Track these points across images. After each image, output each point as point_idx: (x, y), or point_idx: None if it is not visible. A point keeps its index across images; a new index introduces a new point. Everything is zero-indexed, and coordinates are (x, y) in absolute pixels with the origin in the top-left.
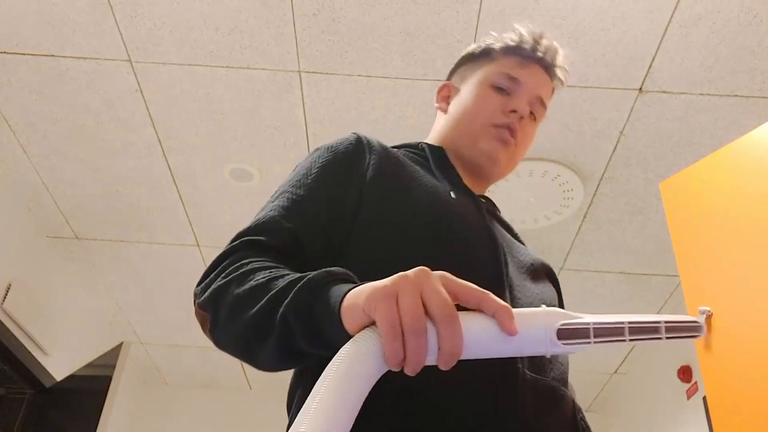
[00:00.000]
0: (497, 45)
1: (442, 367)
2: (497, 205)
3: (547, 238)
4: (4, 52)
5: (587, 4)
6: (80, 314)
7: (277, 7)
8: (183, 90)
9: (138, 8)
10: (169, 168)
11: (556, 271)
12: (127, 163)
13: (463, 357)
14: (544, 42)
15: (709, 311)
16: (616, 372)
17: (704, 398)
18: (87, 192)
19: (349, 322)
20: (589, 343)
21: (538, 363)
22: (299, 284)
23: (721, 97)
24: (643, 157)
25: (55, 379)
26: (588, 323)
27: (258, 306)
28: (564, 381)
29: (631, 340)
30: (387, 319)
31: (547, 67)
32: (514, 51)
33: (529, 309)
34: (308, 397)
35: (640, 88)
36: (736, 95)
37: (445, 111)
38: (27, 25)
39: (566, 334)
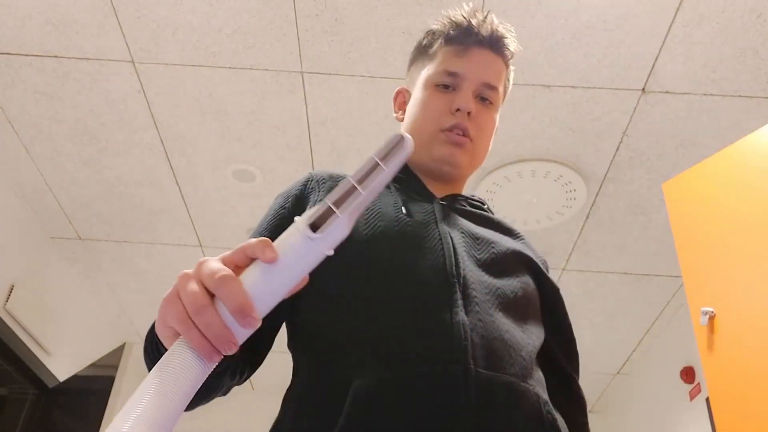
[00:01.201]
0: (433, 38)
1: (246, 326)
2: (500, 203)
3: (550, 239)
4: (8, 53)
5: (590, 4)
6: (83, 315)
7: (279, 7)
8: (186, 91)
9: (141, 9)
10: (172, 169)
11: (557, 271)
12: (129, 164)
13: (262, 305)
14: (477, 19)
15: (712, 312)
16: (618, 373)
17: (707, 399)
18: (90, 193)
19: (164, 341)
20: (337, 216)
21: (494, 361)
22: (149, 329)
23: (724, 97)
24: (646, 158)
25: (58, 380)
26: (325, 203)
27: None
28: (524, 375)
29: (365, 190)
30: (175, 317)
31: (489, 44)
32: (449, 41)
33: (284, 233)
34: (127, 407)
35: (643, 89)
36: (740, 96)
37: (401, 120)
38: (30, 27)
39: (318, 224)
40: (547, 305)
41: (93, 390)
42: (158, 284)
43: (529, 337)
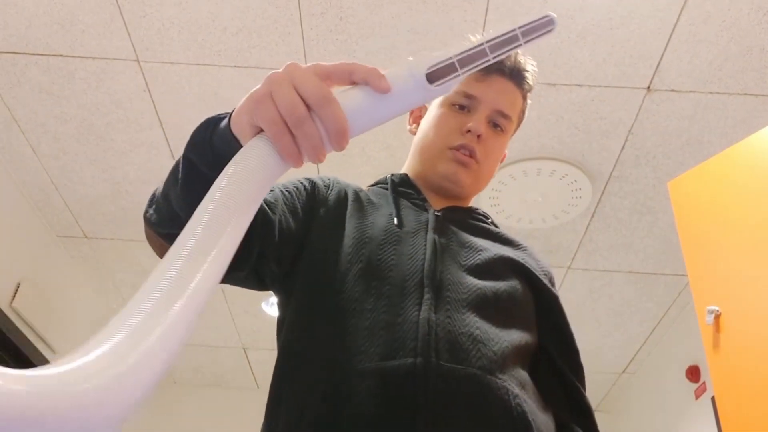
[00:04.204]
0: None
1: (337, 149)
2: (505, 201)
3: (555, 238)
4: (14, 53)
5: (595, 2)
6: (89, 313)
7: (284, 6)
8: (191, 90)
9: (146, 8)
10: None
11: (563, 270)
12: (135, 163)
13: (353, 131)
14: None
15: (718, 311)
16: (624, 372)
17: (713, 398)
18: (96, 191)
19: (240, 135)
20: (458, 75)
21: (458, 354)
22: (195, 128)
23: (730, 95)
24: (652, 156)
25: None
26: (451, 57)
27: (170, 171)
28: (493, 369)
29: (494, 57)
30: (268, 119)
31: (510, 74)
32: None
33: (396, 66)
34: (209, 192)
35: (649, 87)
36: (746, 94)
37: (414, 133)
38: (36, 26)
39: (436, 75)
40: (544, 313)
41: None
42: None
43: (508, 336)
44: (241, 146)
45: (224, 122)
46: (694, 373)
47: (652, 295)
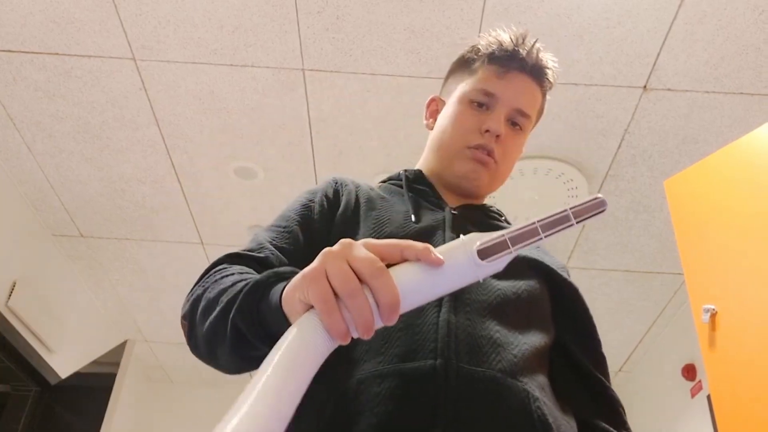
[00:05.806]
0: (477, 54)
1: (387, 322)
2: (501, 200)
3: (552, 237)
4: (10, 51)
5: (592, 1)
6: (85, 312)
7: (281, 5)
8: (187, 88)
9: (142, 6)
10: (173, 166)
11: None
12: (131, 162)
13: (404, 307)
14: (526, 45)
15: (714, 309)
16: (620, 370)
17: (708, 396)
18: (92, 190)
19: (290, 313)
20: (510, 252)
21: (478, 357)
22: (246, 288)
23: (726, 94)
24: (648, 155)
25: (60, 377)
26: (503, 235)
27: (217, 310)
28: (513, 372)
29: (546, 236)
30: (319, 296)
31: (530, 71)
32: (493, 60)
33: (448, 244)
34: (251, 381)
35: (645, 86)
36: (742, 93)
37: (431, 128)
38: (32, 24)
39: (487, 252)
40: (564, 306)
41: (95, 387)
42: (160, 281)
43: (527, 338)
44: (290, 324)
45: (275, 294)
46: (690, 372)
47: (648, 293)
